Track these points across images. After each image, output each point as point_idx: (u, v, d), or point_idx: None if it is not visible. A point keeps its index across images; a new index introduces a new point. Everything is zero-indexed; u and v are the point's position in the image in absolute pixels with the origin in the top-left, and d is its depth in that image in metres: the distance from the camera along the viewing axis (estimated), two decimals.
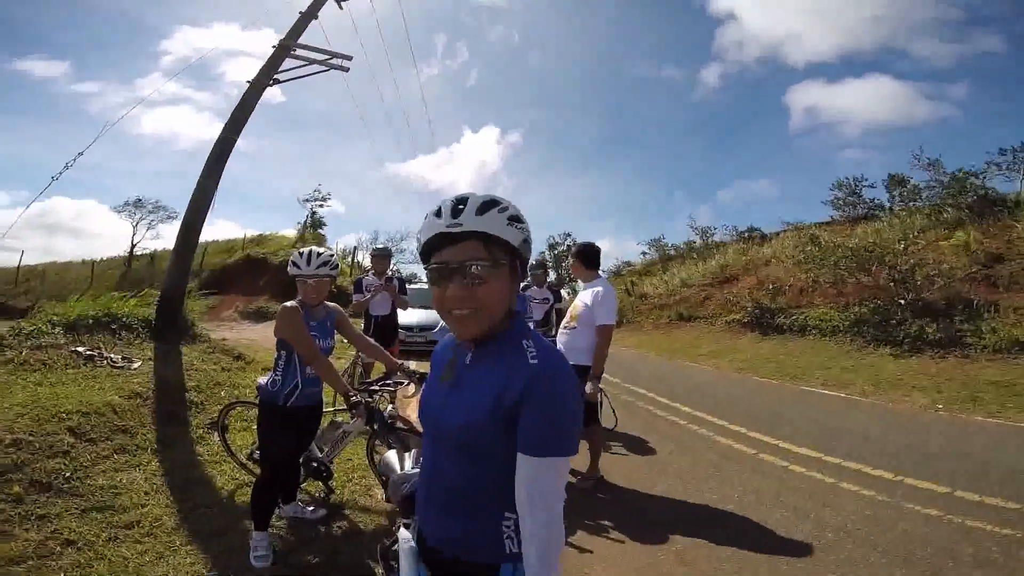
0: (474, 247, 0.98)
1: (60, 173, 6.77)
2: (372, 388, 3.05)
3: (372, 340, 2.98)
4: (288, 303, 2.61)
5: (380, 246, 5.38)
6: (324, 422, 3.18)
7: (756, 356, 11.64)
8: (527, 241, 1.04)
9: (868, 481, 4.08)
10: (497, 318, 1.03)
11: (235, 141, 7.68)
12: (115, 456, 3.60)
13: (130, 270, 24.54)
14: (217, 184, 7.05)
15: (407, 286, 5.49)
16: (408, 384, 2.98)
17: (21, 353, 4.54)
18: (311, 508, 3.19)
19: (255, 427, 4.18)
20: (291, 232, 25.18)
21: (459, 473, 1.02)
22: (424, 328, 10.63)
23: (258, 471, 3.54)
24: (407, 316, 8.04)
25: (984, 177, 13.94)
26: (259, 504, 2.66)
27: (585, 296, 3.72)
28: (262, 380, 2.80)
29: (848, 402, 7.62)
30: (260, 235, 25.05)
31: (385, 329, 5.20)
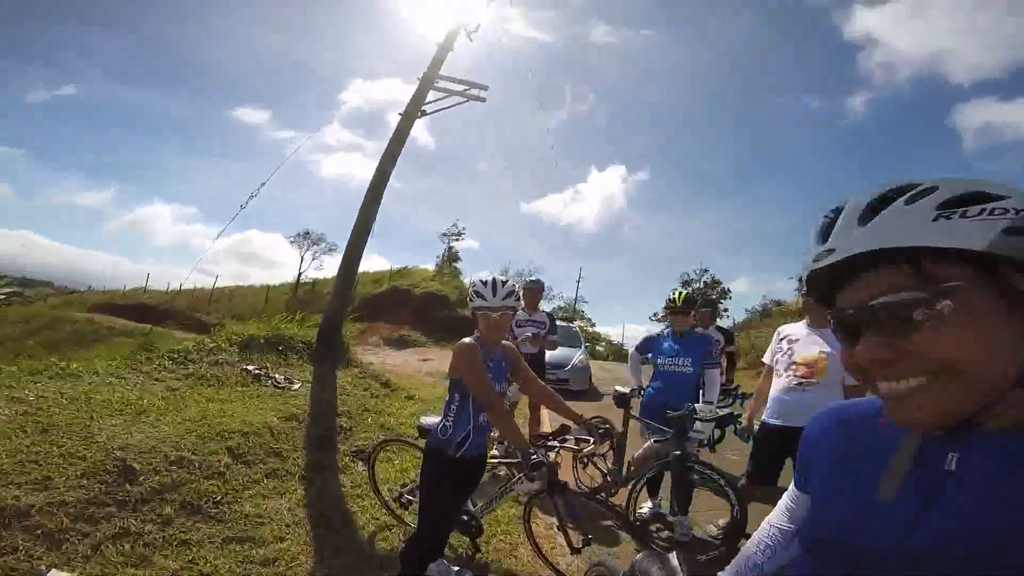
0: (887, 276, 0.54)
1: (245, 203, 7.60)
2: (550, 444, 2.56)
3: (551, 388, 2.52)
4: (466, 340, 2.27)
5: (533, 279, 4.99)
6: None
7: None
8: (1018, 229, 0.49)
9: None
10: (986, 389, 0.51)
11: (391, 171, 8.04)
12: (265, 481, 3.53)
13: (295, 296, 27.73)
14: (376, 213, 7.35)
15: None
16: (592, 444, 2.47)
17: (201, 368, 4.89)
18: (456, 569, 2.74)
19: (403, 467, 4.00)
20: (430, 267, 26.69)
21: None
22: (556, 366, 10.08)
23: (402, 515, 3.25)
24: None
25: None
26: (410, 563, 2.32)
27: (836, 344, 2.86)
28: (427, 421, 2.52)
29: None
30: (404, 268, 26.86)
31: (534, 366, 4.78)
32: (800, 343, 3.04)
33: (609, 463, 3.78)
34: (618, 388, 3.84)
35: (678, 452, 2.99)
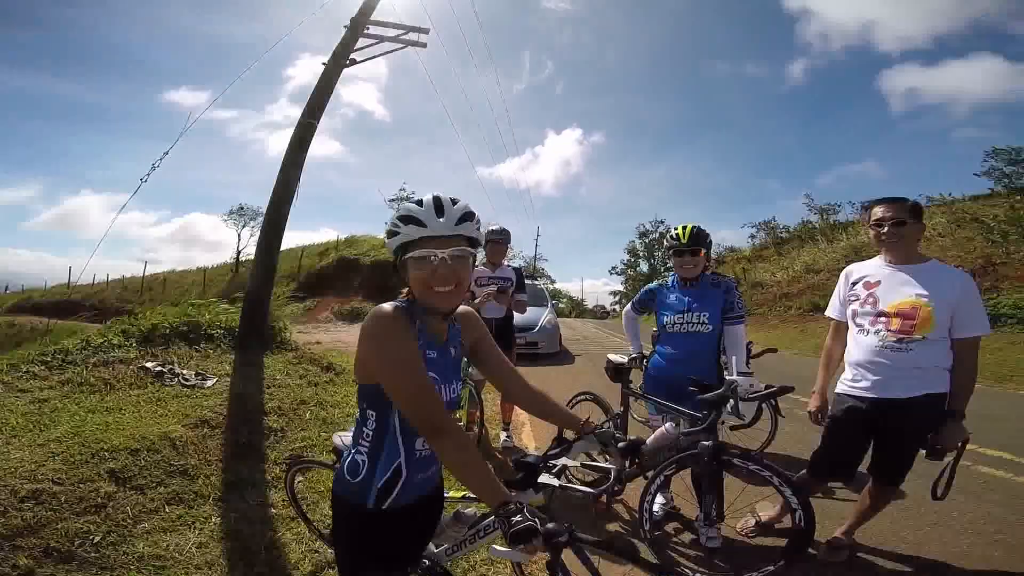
0: None
1: (146, 177, 6.40)
2: (539, 482, 1.46)
3: (535, 388, 1.53)
4: (384, 307, 1.25)
5: (496, 227, 4.14)
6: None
7: None
8: None
9: None
10: None
11: (315, 126, 7.13)
12: (166, 509, 2.74)
13: (236, 275, 25.89)
14: (300, 172, 6.37)
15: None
16: (612, 470, 1.50)
17: (84, 370, 3.92)
18: None
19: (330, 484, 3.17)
20: (380, 235, 25.30)
21: None
22: (523, 328, 9.16)
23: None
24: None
25: None
26: None
27: (939, 287, 2.16)
28: (341, 439, 1.64)
29: None
30: (352, 236, 25.42)
31: (499, 336, 4.04)
32: (883, 286, 2.27)
33: None
34: (611, 357, 3.02)
35: (709, 443, 2.20)
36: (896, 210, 2.24)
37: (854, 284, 2.40)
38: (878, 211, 2.28)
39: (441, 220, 1.24)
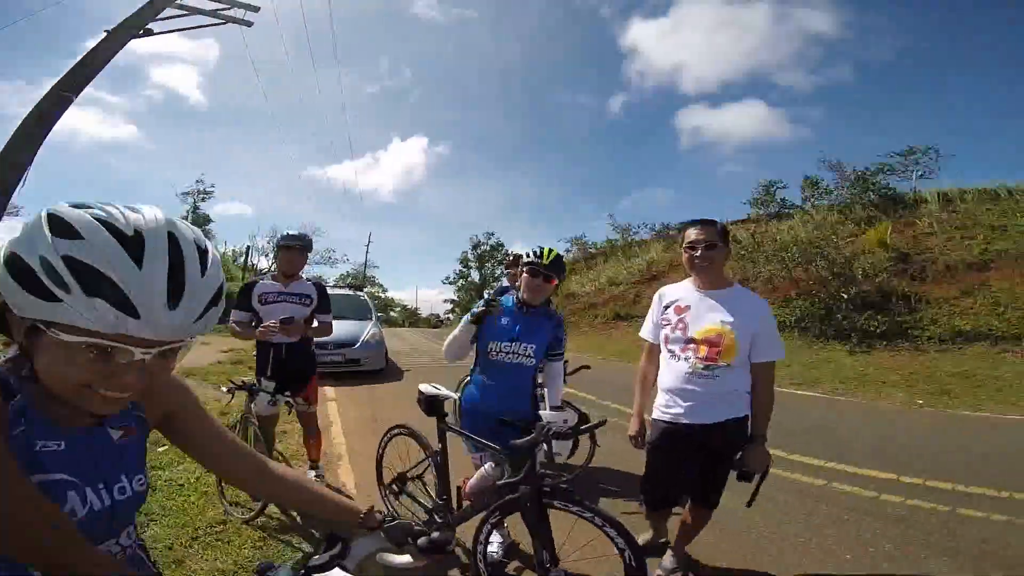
0: None
1: None
2: None
3: (294, 473, 1.14)
4: None
5: (292, 232, 3.38)
6: None
7: None
8: None
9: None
10: None
11: (72, 100, 5.60)
12: None
13: None
14: (34, 153, 4.91)
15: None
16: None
17: None
18: None
19: None
20: None
21: None
22: (343, 344, 8.50)
23: None
24: None
25: (883, 177, 14.87)
26: None
27: (741, 314, 2.21)
28: None
29: (831, 403, 7.32)
30: None
31: (295, 360, 3.34)
32: (692, 312, 2.27)
33: (434, 493, 2.65)
34: (423, 388, 2.56)
35: (529, 487, 2.01)
36: (708, 233, 2.26)
37: (666, 308, 2.38)
38: (691, 233, 2.28)
39: (174, 312, 0.68)
